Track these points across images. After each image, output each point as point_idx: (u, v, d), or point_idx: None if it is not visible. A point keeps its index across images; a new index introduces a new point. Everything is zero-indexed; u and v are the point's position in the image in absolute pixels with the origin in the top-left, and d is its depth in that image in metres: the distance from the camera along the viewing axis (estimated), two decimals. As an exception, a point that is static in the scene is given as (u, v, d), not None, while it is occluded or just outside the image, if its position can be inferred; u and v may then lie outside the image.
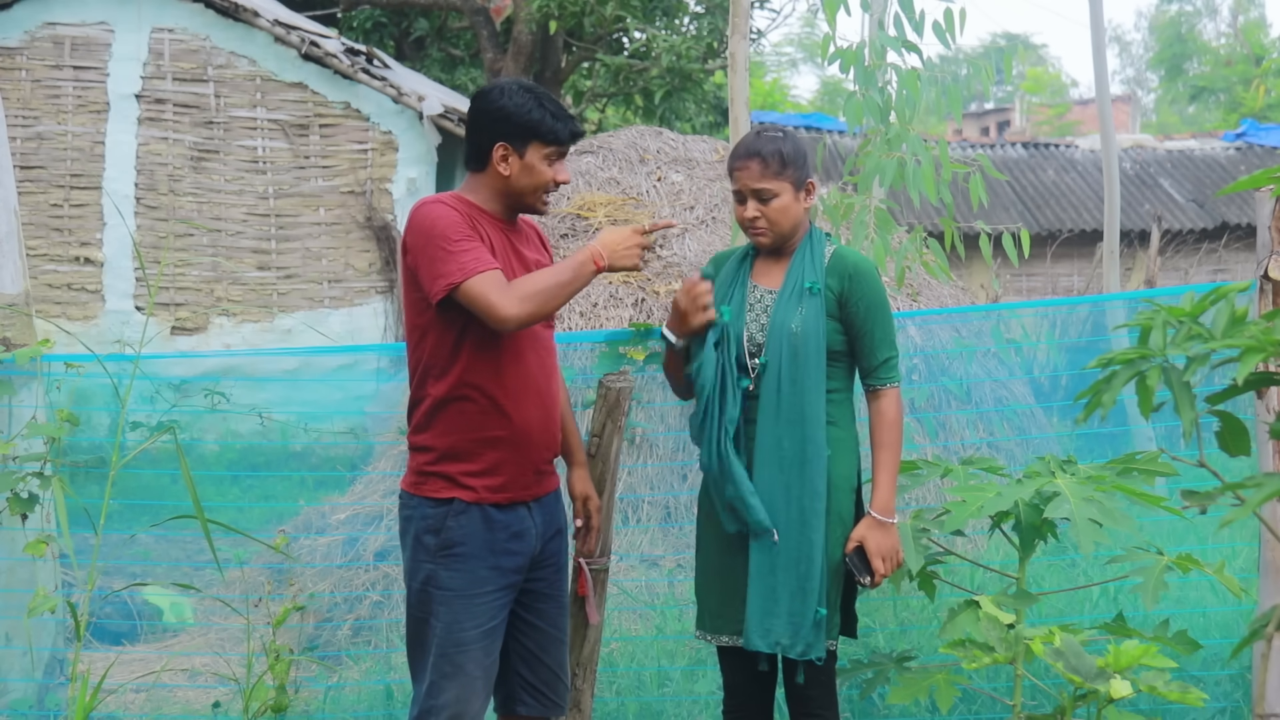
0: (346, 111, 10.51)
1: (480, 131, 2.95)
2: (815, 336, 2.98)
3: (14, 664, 4.35)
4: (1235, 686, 3.95)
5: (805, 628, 2.93)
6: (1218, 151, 17.97)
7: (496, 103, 2.93)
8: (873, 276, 3.05)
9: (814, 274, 3.03)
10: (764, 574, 2.97)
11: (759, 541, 2.97)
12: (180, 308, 10.32)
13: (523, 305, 2.78)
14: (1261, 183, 2.61)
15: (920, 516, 3.18)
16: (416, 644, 2.96)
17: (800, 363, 2.97)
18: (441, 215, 2.84)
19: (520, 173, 2.94)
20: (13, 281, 4.33)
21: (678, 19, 15.51)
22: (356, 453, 7.58)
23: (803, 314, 2.99)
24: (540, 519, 3.01)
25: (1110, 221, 8.41)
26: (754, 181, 3.03)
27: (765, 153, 3.03)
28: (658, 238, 2.97)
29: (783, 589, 2.95)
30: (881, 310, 3.03)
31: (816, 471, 2.95)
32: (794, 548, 2.94)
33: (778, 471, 2.97)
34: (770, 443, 2.98)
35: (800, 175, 3.05)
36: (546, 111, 2.92)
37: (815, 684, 3.02)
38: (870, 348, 3.02)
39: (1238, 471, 3.20)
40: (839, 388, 3.05)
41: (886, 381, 3.02)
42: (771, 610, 2.95)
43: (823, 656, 2.96)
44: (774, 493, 2.96)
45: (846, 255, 3.07)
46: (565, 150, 2.98)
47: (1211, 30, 36.23)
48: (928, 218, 14.06)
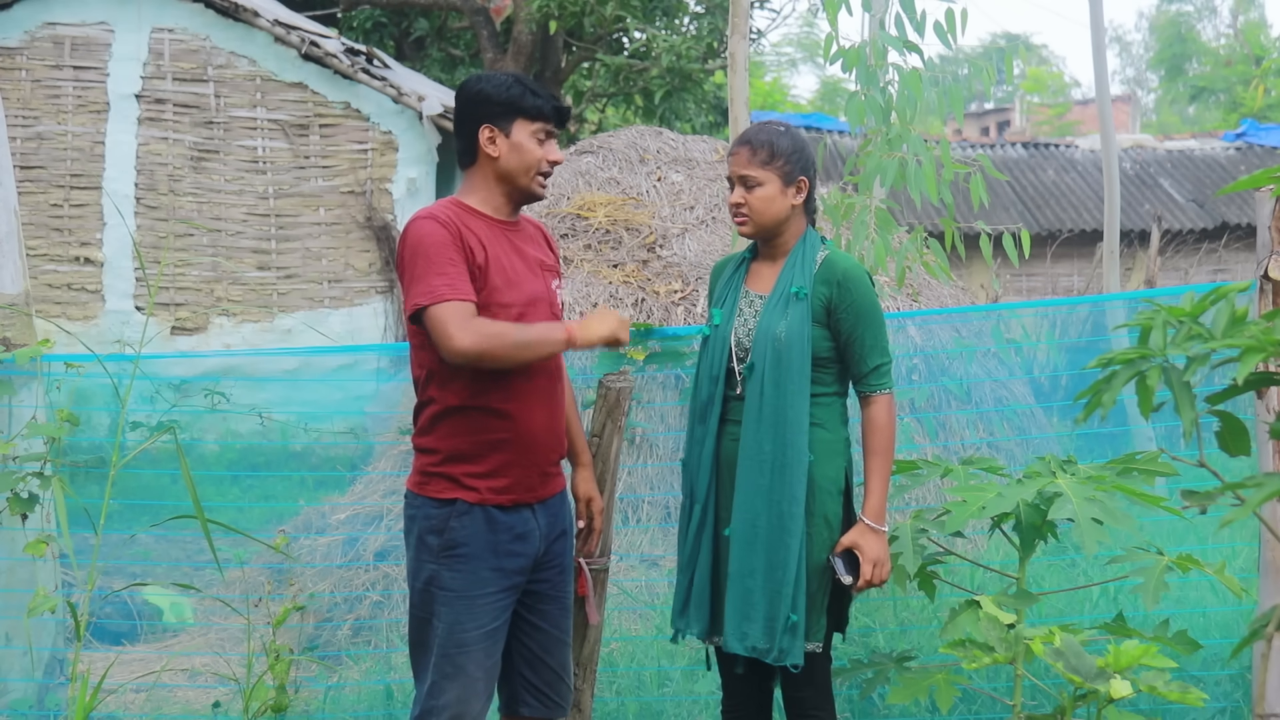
0: (346, 111, 10.51)
1: (465, 121, 2.96)
2: (800, 342, 2.98)
3: (14, 664, 4.35)
4: (1235, 686, 3.95)
5: (779, 632, 2.93)
6: (1218, 151, 17.98)
7: (476, 88, 2.94)
8: (862, 283, 3.03)
9: (802, 279, 3.03)
10: (741, 576, 2.98)
11: (736, 544, 2.99)
12: (180, 308, 10.32)
13: (477, 342, 2.75)
14: (1261, 183, 2.61)
15: (920, 516, 3.18)
16: (419, 644, 2.96)
17: (784, 368, 2.98)
18: (428, 234, 2.83)
19: (509, 152, 2.93)
20: (13, 281, 4.33)
21: (678, 19, 15.51)
22: (356, 453, 7.58)
23: (788, 320, 3.00)
24: (544, 521, 3.01)
25: (1110, 221, 8.41)
26: (741, 168, 3.06)
27: (756, 141, 3.06)
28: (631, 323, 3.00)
29: (758, 593, 2.95)
30: (871, 317, 3.02)
31: (795, 477, 2.95)
32: (771, 552, 2.95)
33: (757, 474, 2.98)
34: (752, 446, 2.99)
35: (790, 170, 3.05)
36: (526, 88, 2.93)
37: (807, 684, 3.01)
38: (860, 355, 3.02)
39: (1238, 471, 3.20)
40: (828, 391, 3.04)
41: (878, 388, 3.02)
42: (747, 614, 2.96)
43: (799, 663, 2.94)
44: (755, 495, 2.98)
45: (837, 261, 3.06)
46: (552, 129, 2.97)
47: (1211, 31, 36.23)
48: (928, 218, 14.05)
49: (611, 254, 7.20)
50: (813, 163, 3.14)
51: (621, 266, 7.08)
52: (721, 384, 3.07)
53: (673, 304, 6.74)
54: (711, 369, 3.10)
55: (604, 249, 7.25)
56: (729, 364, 3.07)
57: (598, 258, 7.17)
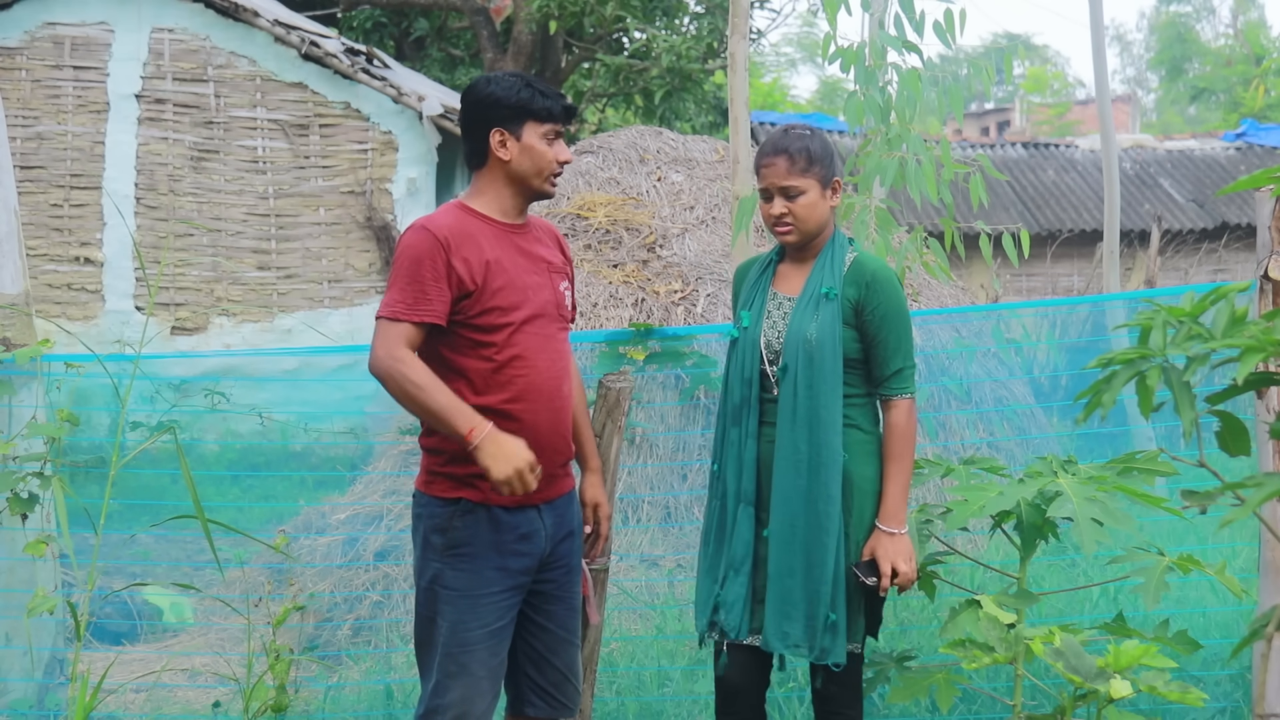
0: (346, 111, 10.51)
1: (474, 124, 2.96)
2: (831, 343, 2.98)
3: (14, 664, 4.35)
4: (1235, 686, 3.95)
5: (819, 631, 2.93)
6: (1218, 151, 17.97)
7: (485, 91, 2.94)
8: (891, 285, 3.03)
9: (832, 279, 3.03)
10: (781, 576, 2.98)
11: (776, 545, 2.98)
12: (180, 308, 10.32)
13: (385, 369, 2.78)
14: (1261, 183, 2.61)
15: (925, 510, 3.18)
16: (424, 643, 2.96)
17: (816, 369, 2.98)
18: (409, 245, 2.86)
19: (520, 155, 2.94)
20: (13, 281, 4.32)
21: (678, 19, 15.51)
22: (356, 453, 7.58)
23: (819, 321, 3.00)
24: (550, 521, 3.01)
25: (1110, 221, 8.41)
26: (781, 179, 3.03)
27: (793, 150, 3.03)
28: (536, 472, 2.89)
29: (798, 592, 2.96)
30: (898, 320, 3.01)
31: (831, 476, 2.95)
32: (809, 552, 2.95)
33: (794, 476, 2.98)
34: (788, 447, 2.99)
35: (827, 173, 3.05)
36: (535, 90, 2.93)
37: (840, 684, 3.02)
38: (884, 357, 3.01)
39: (1238, 471, 3.19)
40: (860, 392, 3.04)
41: (899, 392, 3.01)
42: (788, 614, 2.96)
43: (841, 662, 2.95)
44: (792, 496, 2.98)
45: (867, 263, 3.05)
46: (561, 129, 2.98)
47: (1210, 31, 36.22)
48: (928, 218, 14.05)
49: (611, 254, 7.20)
50: (839, 160, 3.13)
51: (621, 266, 7.08)
52: (756, 386, 3.06)
53: (673, 304, 6.74)
54: (744, 371, 3.08)
55: (604, 249, 7.26)
56: (760, 366, 3.07)
57: (598, 258, 7.17)
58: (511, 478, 2.75)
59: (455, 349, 2.90)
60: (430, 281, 2.83)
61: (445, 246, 2.85)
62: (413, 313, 2.82)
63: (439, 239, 2.85)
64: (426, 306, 2.83)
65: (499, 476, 2.75)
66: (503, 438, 2.77)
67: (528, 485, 2.77)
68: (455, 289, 2.85)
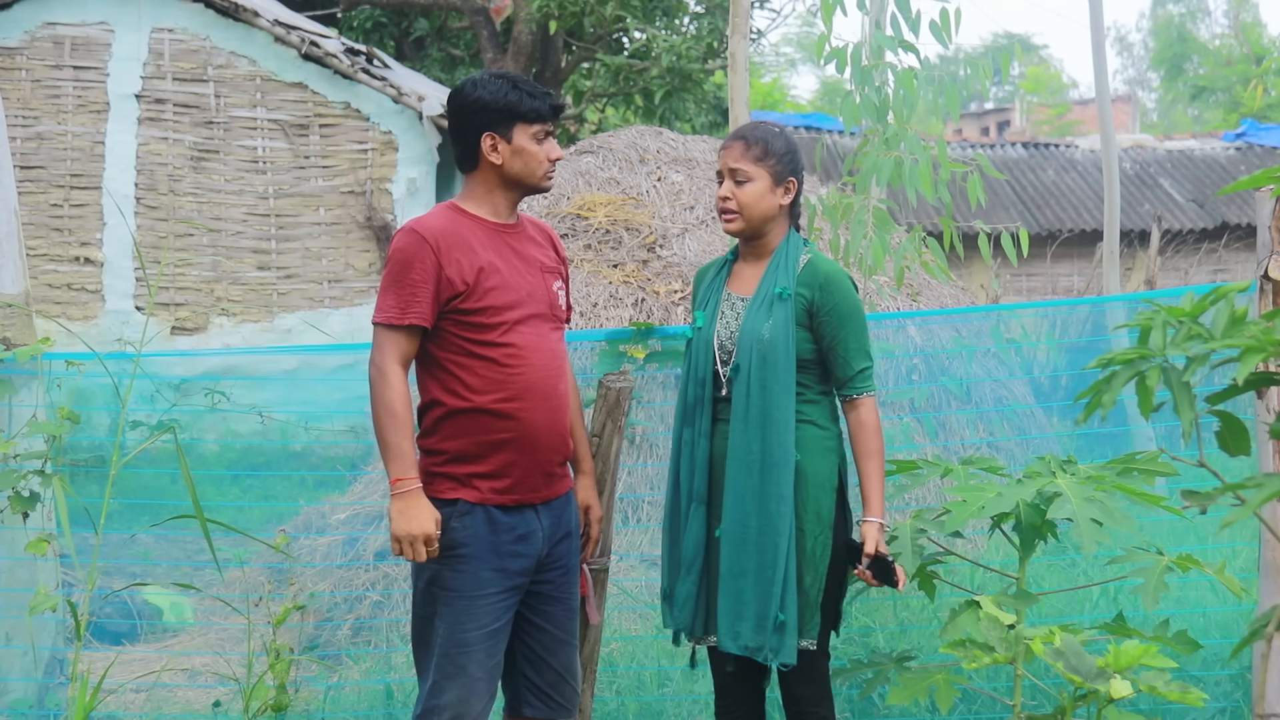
0: (346, 111, 10.51)
1: (464, 128, 2.96)
2: (784, 343, 3.00)
3: (14, 664, 4.34)
4: (1235, 686, 3.95)
5: (769, 631, 2.94)
6: (1218, 151, 17.98)
7: (472, 95, 2.94)
8: (844, 287, 3.05)
9: (786, 280, 3.04)
10: (733, 577, 2.99)
11: (728, 545, 2.99)
12: (180, 308, 10.32)
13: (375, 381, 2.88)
14: (1261, 183, 2.61)
15: (920, 516, 3.18)
16: (421, 643, 2.97)
17: (769, 369, 2.99)
18: (399, 249, 2.89)
19: (512, 158, 2.95)
20: (13, 281, 4.32)
21: (678, 19, 15.51)
22: (356, 452, 7.58)
23: (772, 321, 3.01)
24: (548, 522, 3.01)
25: (1110, 221, 8.41)
26: (733, 161, 3.07)
27: (751, 137, 3.07)
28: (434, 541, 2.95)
29: (750, 593, 2.97)
30: (854, 321, 3.03)
31: (783, 476, 2.96)
32: (761, 552, 2.96)
33: (746, 475, 2.99)
34: (740, 447, 3.01)
35: (781, 170, 3.06)
36: (523, 92, 2.94)
37: (806, 683, 3.02)
38: (844, 358, 3.03)
39: (1238, 471, 3.19)
40: (816, 390, 3.06)
41: (863, 391, 3.04)
42: (739, 614, 2.97)
43: (790, 662, 2.96)
44: (744, 496, 2.99)
45: (819, 265, 3.07)
46: (551, 128, 2.98)
47: (1205, 32, 36.19)
48: (927, 217, 14.05)
49: (611, 254, 7.20)
50: (803, 167, 3.15)
51: (621, 266, 7.08)
52: (709, 386, 3.08)
53: (673, 304, 6.74)
54: (697, 371, 3.11)
55: (604, 249, 7.26)
56: (714, 366, 3.08)
57: (598, 258, 7.17)
58: (405, 539, 2.83)
59: (451, 350, 2.91)
60: (420, 283, 2.85)
61: (435, 248, 2.86)
62: (405, 316, 2.85)
63: (428, 241, 2.87)
64: (417, 307, 2.86)
65: (397, 533, 2.82)
66: (420, 502, 2.84)
67: (417, 554, 2.83)
68: (446, 290, 2.86)
